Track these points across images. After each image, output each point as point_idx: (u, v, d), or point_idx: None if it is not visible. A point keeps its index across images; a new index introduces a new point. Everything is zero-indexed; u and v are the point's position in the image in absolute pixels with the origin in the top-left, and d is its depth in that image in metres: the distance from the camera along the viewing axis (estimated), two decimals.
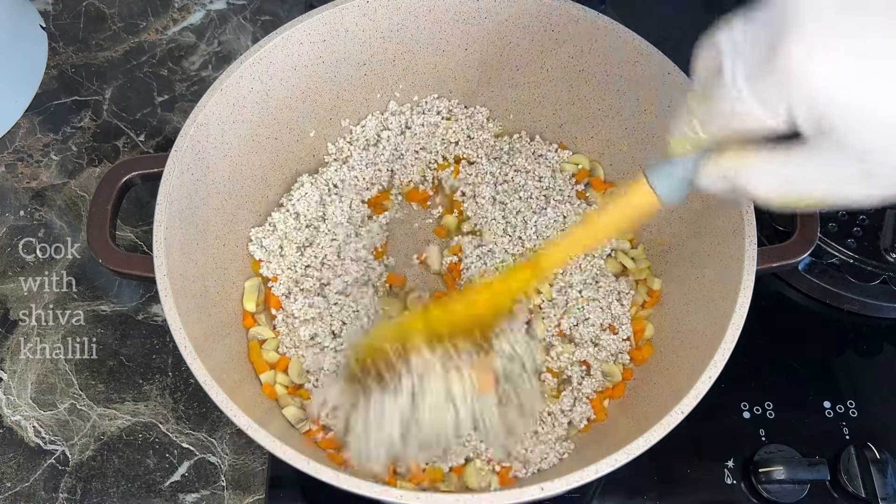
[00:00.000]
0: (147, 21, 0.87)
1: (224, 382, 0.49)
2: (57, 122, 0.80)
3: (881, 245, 0.68)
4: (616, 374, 0.61)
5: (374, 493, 0.45)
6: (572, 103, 0.69)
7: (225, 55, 0.85)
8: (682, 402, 0.48)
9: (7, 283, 0.71)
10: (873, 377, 0.69)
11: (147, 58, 0.85)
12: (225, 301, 0.62)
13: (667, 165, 0.41)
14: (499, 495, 0.44)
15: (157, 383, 0.67)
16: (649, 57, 0.61)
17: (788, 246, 0.57)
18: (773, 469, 0.61)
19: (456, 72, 0.71)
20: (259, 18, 0.88)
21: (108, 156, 0.79)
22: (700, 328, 0.56)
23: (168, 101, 0.82)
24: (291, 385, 0.61)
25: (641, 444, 0.46)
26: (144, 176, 0.58)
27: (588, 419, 0.60)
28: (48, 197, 0.76)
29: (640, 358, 0.62)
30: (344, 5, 0.63)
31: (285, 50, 0.62)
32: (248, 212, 0.66)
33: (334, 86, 0.68)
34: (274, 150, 0.67)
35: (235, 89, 0.60)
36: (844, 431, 0.65)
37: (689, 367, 0.53)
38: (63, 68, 0.84)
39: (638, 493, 0.63)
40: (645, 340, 0.63)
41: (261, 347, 0.62)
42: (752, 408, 0.66)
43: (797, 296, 0.73)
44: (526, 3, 0.64)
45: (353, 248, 0.66)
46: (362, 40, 0.66)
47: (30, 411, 0.66)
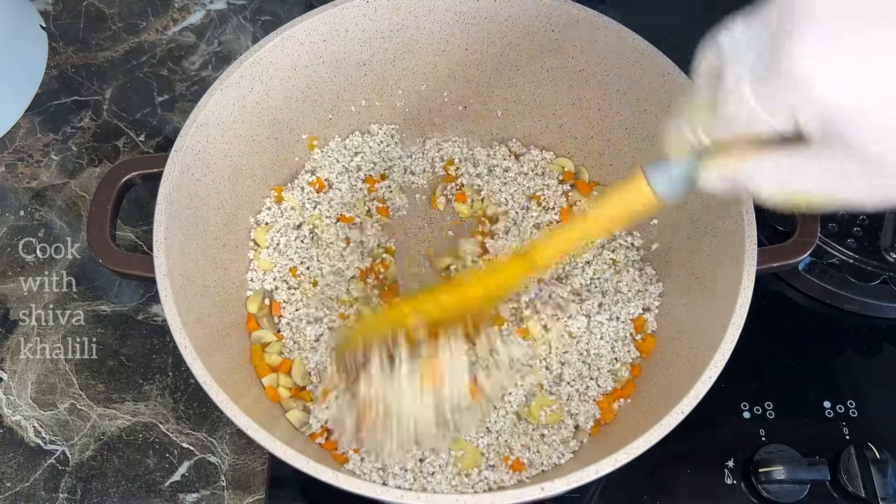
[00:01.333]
0: (147, 21, 0.87)
1: (224, 383, 0.49)
2: (57, 122, 0.80)
3: (881, 245, 0.68)
4: (623, 373, 0.61)
5: (375, 494, 0.45)
6: (572, 103, 0.69)
7: (225, 55, 0.85)
8: (682, 402, 0.48)
9: (7, 283, 0.71)
10: (873, 377, 0.69)
11: (147, 58, 0.85)
12: (225, 301, 0.62)
13: (666, 165, 0.41)
14: (499, 495, 0.44)
15: (157, 383, 0.67)
16: (649, 57, 0.61)
17: (788, 246, 0.57)
18: (773, 469, 0.61)
19: (456, 72, 0.71)
20: (259, 18, 0.88)
21: (108, 156, 0.79)
22: (700, 328, 0.56)
23: (168, 101, 0.82)
24: (294, 387, 0.61)
25: (641, 444, 0.46)
26: (144, 176, 0.58)
27: (595, 419, 0.60)
28: (48, 197, 0.76)
29: (646, 349, 0.62)
30: (344, 5, 0.62)
31: (285, 50, 0.62)
32: (248, 212, 0.66)
33: (334, 86, 0.68)
34: (274, 150, 0.67)
35: (235, 89, 0.60)
36: (844, 431, 0.65)
37: (689, 367, 0.53)
38: (63, 68, 0.84)
39: (638, 493, 0.63)
40: (646, 334, 0.63)
41: (263, 351, 0.62)
42: (752, 408, 0.66)
43: (797, 296, 0.73)
44: (526, 3, 0.64)
45: (349, 250, 0.66)
46: (362, 40, 0.66)
47: (30, 411, 0.66)
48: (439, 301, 0.51)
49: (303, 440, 0.58)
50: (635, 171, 0.42)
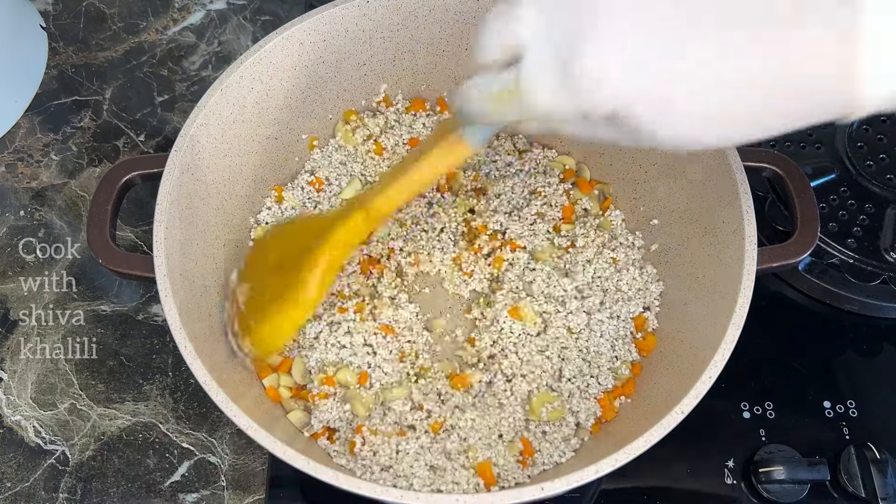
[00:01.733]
0: (147, 21, 0.87)
1: (224, 383, 0.49)
2: (57, 122, 0.80)
3: (881, 245, 0.68)
4: (624, 371, 0.61)
5: (375, 493, 0.45)
6: None
7: (225, 55, 0.85)
8: (683, 402, 0.48)
9: (7, 283, 0.71)
10: (873, 377, 0.69)
11: (147, 58, 0.85)
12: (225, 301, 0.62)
13: (475, 127, 0.47)
14: (499, 495, 0.44)
15: (157, 383, 0.67)
16: None
17: (788, 246, 0.57)
18: (774, 469, 0.61)
19: (456, 72, 0.71)
20: (259, 18, 0.88)
21: (108, 156, 0.79)
22: (700, 328, 0.56)
23: (168, 101, 0.82)
24: (295, 386, 0.61)
25: (642, 443, 0.46)
26: (144, 176, 0.58)
27: (596, 417, 0.60)
28: (48, 197, 0.76)
29: (647, 348, 0.62)
30: (344, 5, 0.63)
31: (285, 50, 0.62)
32: (248, 212, 0.66)
33: (335, 86, 0.68)
34: (274, 150, 0.67)
35: (235, 89, 0.60)
36: (844, 431, 0.65)
37: (689, 367, 0.53)
38: (63, 68, 0.84)
39: (638, 493, 0.63)
40: (647, 332, 0.63)
41: None
42: (752, 408, 0.66)
43: (797, 296, 0.73)
44: None
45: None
46: (362, 40, 0.66)
47: (30, 411, 0.66)
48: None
49: (304, 440, 0.58)
50: (455, 131, 0.47)
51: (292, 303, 0.55)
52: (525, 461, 0.58)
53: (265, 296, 0.57)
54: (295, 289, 0.55)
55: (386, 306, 0.63)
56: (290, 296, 0.55)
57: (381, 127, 0.71)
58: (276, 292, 0.56)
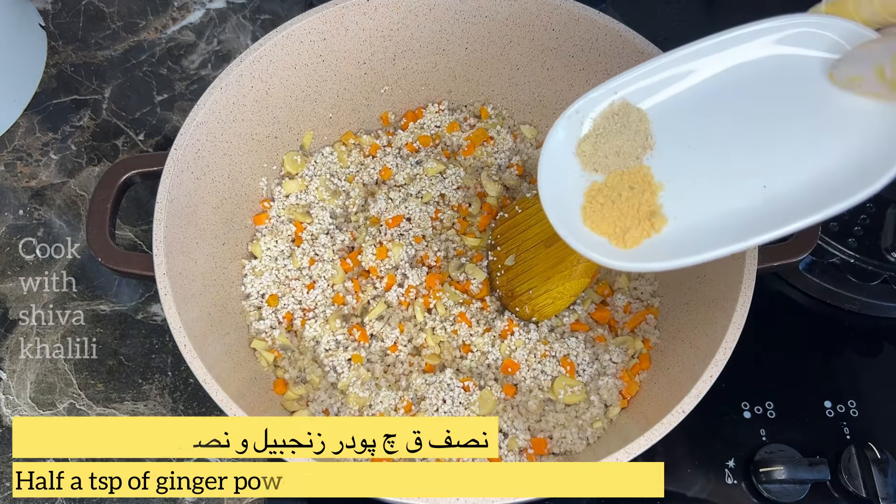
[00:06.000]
0: (146, 20, 0.87)
1: (224, 382, 0.49)
2: (56, 121, 0.80)
3: (882, 244, 0.68)
4: (637, 346, 0.62)
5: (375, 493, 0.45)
6: (573, 103, 0.69)
7: (224, 54, 0.85)
8: (683, 402, 0.48)
9: (7, 283, 0.71)
10: (873, 377, 0.69)
11: (146, 56, 0.85)
12: (225, 300, 0.62)
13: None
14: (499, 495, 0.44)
15: (157, 383, 0.67)
16: (650, 56, 0.61)
17: (789, 245, 0.57)
18: (774, 469, 0.61)
19: (456, 71, 0.71)
20: (259, 17, 0.88)
21: (107, 155, 0.79)
22: (700, 328, 0.56)
23: (167, 100, 0.82)
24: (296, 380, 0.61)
25: (642, 443, 0.46)
26: (144, 175, 0.58)
27: (619, 392, 0.60)
28: (47, 196, 0.76)
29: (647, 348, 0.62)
30: (344, 4, 0.62)
31: (285, 49, 0.62)
32: (247, 211, 0.66)
33: (334, 85, 0.68)
34: (274, 150, 0.67)
35: (235, 88, 0.60)
36: (845, 431, 0.65)
37: (689, 367, 0.53)
38: (62, 67, 0.84)
39: None
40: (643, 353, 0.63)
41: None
42: (752, 408, 0.66)
43: (797, 296, 0.73)
44: (526, 3, 0.64)
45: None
46: (362, 39, 0.66)
47: (29, 411, 0.66)
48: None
49: None
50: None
51: (569, 276, 0.59)
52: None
53: (536, 266, 0.61)
54: (572, 263, 0.59)
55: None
56: (566, 270, 0.60)
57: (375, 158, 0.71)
58: (548, 263, 0.60)
